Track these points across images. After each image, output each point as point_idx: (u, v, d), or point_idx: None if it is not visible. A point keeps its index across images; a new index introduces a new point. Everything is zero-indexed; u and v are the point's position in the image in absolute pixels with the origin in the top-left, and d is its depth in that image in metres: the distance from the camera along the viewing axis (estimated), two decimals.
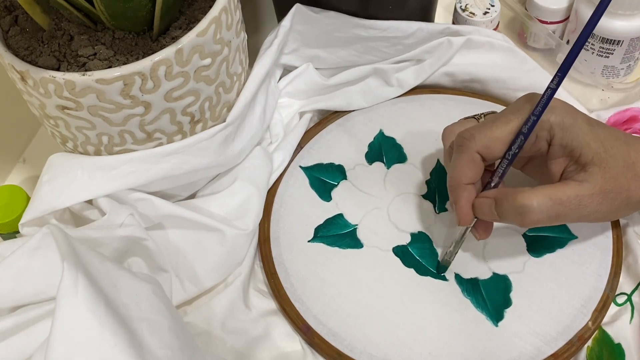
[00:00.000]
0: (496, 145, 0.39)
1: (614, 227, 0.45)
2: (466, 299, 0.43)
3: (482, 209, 0.40)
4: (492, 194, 0.40)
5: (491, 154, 0.40)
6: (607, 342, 0.41)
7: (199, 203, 0.45)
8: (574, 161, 0.39)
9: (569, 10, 0.56)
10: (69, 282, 0.29)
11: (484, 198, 0.40)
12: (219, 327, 0.42)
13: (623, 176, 0.38)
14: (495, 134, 0.39)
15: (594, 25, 0.36)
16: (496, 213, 0.39)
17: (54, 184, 0.41)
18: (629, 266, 0.44)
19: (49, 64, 0.38)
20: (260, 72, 0.47)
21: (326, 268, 0.45)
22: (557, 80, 0.37)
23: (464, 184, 0.40)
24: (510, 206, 0.38)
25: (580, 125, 0.39)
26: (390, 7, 0.51)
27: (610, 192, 0.38)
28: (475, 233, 0.42)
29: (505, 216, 0.39)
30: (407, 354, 0.41)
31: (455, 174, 0.41)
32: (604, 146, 0.38)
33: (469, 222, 0.41)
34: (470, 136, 0.40)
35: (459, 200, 0.41)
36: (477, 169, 0.40)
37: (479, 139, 0.39)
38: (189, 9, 0.42)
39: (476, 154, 0.40)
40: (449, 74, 0.53)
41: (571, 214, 0.38)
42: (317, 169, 0.50)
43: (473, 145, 0.40)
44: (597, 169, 0.38)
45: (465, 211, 0.41)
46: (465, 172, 0.40)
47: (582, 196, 0.38)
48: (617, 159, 0.38)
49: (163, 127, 0.41)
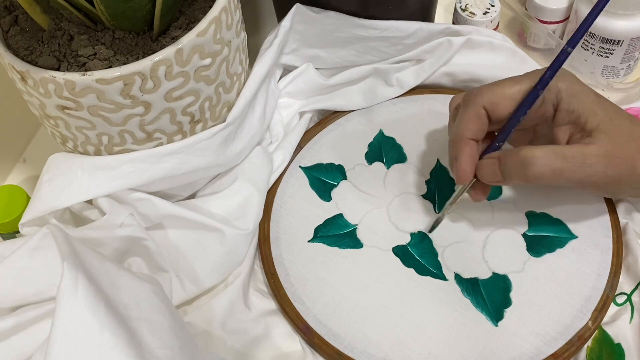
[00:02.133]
0: (504, 101, 0.39)
1: (614, 227, 0.45)
2: (466, 299, 0.43)
3: (486, 169, 0.40)
4: (496, 154, 0.40)
5: (498, 110, 0.39)
6: (607, 342, 0.41)
7: (199, 203, 0.45)
8: (580, 128, 0.39)
9: (569, 10, 0.56)
10: (69, 282, 0.29)
11: (488, 159, 0.40)
12: (219, 327, 0.42)
13: (628, 145, 0.38)
14: (504, 90, 0.39)
15: None
16: (499, 172, 0.39)
17: (54, 184, 0.41)
18: (628, 266, 0.44)
19: (49, 64, 0.38)
20: (260, 72, 0.47)
21: (326, 268, 0.45)
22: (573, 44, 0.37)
23: (467, 137, 0.40)
24: (513, 161, 0.38)
25: (588, 94, 0.39)
26: (390, 7, 0.51)
27: (616, 157, 0.38)
28: (472, 194, 0.42)
29: (508, 173, 0.39)
30: (407, 354, 0.41)
31: (459, 128, 0.40)
32: (609, 115, 0.38)
33: (467, 179, 0.40)
34: (478, 92, 0.40)
35: (460, 155, 0.40)
36: (481, 125, 0.40)
37: (486, 94, 0.39)
38: (189, 8, 0.42)
39: (482, 109, 0.39)
40: (449, 74, 0.53)
41: (576, 170, 0.38)
42: (317, 169, 0.50)
43: (479, 99, 0.39)
44: (602, 134, 0.38)
45: (464, 167, 0.40)
46: (469, 127, 0.40)
47: (587, 154, 0.38)
48: (622, 129, 0.38)
49: (163, 127, 0.41)
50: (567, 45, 0.38)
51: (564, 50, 0.38)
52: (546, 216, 0.45)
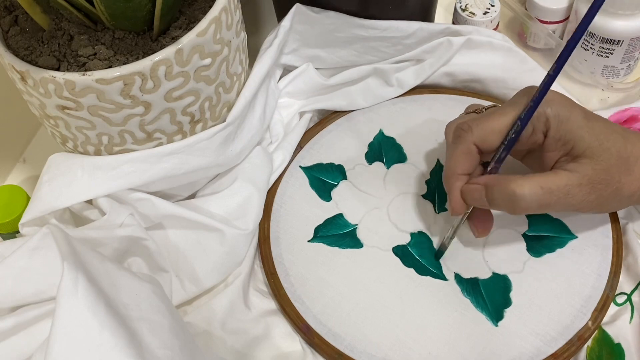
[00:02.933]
0: (492, 136, 0.40)
1: (614, 227, 0.45)
2: (466, 299, 0.43)
3: (472, 195, 0.41)
4: (482, 180, 0.40)
5: (487, 145, 0.40)
6: (607, 342, 0.41)
7: (199, 203, 0.45)
8: (567, 153, 0.39)
9: (569, 10, 0.56)
10: (69, 282, 0.29)
11: (474, 184, 0.41)
12: (219, 327, 0.42)
13: (615, 169, 0.39)
14: (492, 125, 0.40)
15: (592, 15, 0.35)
16: (486, 200, 0.40)
17: (54, 184, 0.41)
18: (628, 266, 0.44)
19: (49, 64, 0.38)
20: (260, 72, 0.47)
21: (326, 268, 0.45)
22: (556, 68, 0.37)
23: (458, 174, 0.41)
24: (501, 193, 0.39)
25: (576, 119, 0.39)
26: (390, 7, 0.51)
27: (599, 183, 0.38)
28: (473, 229, 0.43)
29: (495, 203, 0.39)
30: (407, 353, 0.41)
31: (451, 164, 0.41)
32: (598, 139, 0.39)
33: (460, 211, 0.41)
34: (468, 128, 0.41)
35: (452, 190, 0.41)
36: (472, 160, 0.41)
37: (476, 130, 0.40)
38: (189, 8, 0.42)
39: (472, 145, 0.40)
40: (449, 74, 0.53)
41: (560, 202, 0.38)
42: (317, 169, 0.50)
43: (469, 136, 0.40)
44: (587, 160, 0.38)
45: (456, 200, 0.41)
46: (461, 163, 0.41)
47: (570, 185, 0.38)
48: (611, 152, 0.39)
49: (163, 127, 0.41)
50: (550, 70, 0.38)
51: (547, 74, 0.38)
52: (546, 216, 0.46)
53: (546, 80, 0.38)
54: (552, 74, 0.37)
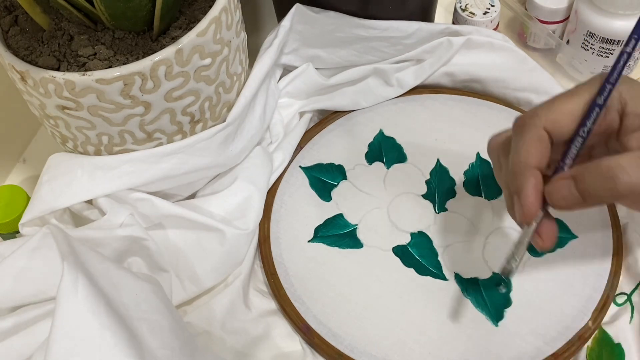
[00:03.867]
0: (566, 118, 0.34)
1: (614, 227, 0.45)
2: (466, 299, 0.43)
3: (560, 193, 0.33)
4: (567, 174, 0.34)
5: (560, 129, 0.34)
6: (607, 342, 0.41)
7: (199, 203, 0.45)
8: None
9: (569, 10, 0.56)
10: (69, 282, 0.29)
11: (559, 180, 0.34)
12: (219, 327, 0.42)
13: None
14: (563, 107, 0.34)
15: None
16: (578, 193, 0.33)
17: (54, 184, 0.41)
18: (629, 266, 0.44)
19: (49, 64, 0.38)
20: (260, 72, 0.47)
21: (326, 268, 0.45)
22: (634, 43, 0.33)
23: (531, 166, 0.34)
24: (594, 176, 0.32)
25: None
26: (390, 7, 0.51)
27: None
28: (537, 240, 0.35)
29: (590, 192, 0.32)
30: (407, 353, 0.41)
31: (520, 156, 0.34)
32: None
33: (534, 215, 0.34)
34: (534, 114, 0.35)
35: (525, 187, 0.34)
36: (545, 149, 0.34)
37: (545, 114, 0.34)
38: (189, 8, 0.42)
39: (543, 130, 0.34)
40: (449, 74, 0.53)
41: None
42: (317, 169, 0.50)
43: (538, 121, 0.34)
44: None
45: (530, 200, 0.34)
46: (533, 153, 0.34)
47: None
48: None
49: (163, 127, 0.41)
50: (625, 46, 0.34)
51: (622, 52, 0.34)
52: None
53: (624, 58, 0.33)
54: (629, 51, 0.33)
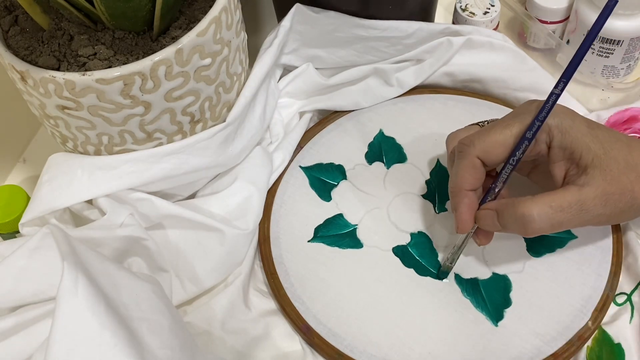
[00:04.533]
0: (496, 149, 0.39)
1: (614, 228, 0.45)
2: (466, 299, 0.43)
3: (485, 220, 0.40)
4: (493, 205, 0.40)
5: (491, 158, 0.40)
6: (607, 342, 0.41)
7: (199, 203, 0.45)
8: (575, 164, 0.39)
9: (569, 10, 0.56)
10: (69, 282, 0.29)
11: (486, 210, 0.40)
12: (219, 327, 0.42)
13: (625, 177, 0.38)
14: (495, 137, 0.39)
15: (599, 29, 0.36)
16: (499, 224, 0.39)
17: (54, 184, 0.41)
18: (628, 266, 0.44)
19: (49, 63, 0.38)
20: (260, 72, 0.47)
21: (326, 268, 0.45)
22: (562, 86, 0.37)
23: (465, 189, 0.40)
24: (511, 217, 0.38)
25: (579, 127, 0.39)
26: (390, 7, 0.51)
27: (613, 193, 0.38)
28: (475, 239, 0.42)
29: (507, 227, 0.39)
30: (407, 354, 0.41)
31: (457, 180, 0.41)
32: (603, 147, 0.38)
33: (467, 229, 0.41)
34: (470, 142, 0.40)
35: (459, 207, 0.41)
36: (477, 175, 0.40)
37: (478, 143, 0.40)
38: (189, 8, 0.42)
39: (476, 159, 0.40)
40: (449, 74, 0.53)
41: (574, 219, 0.38)
42: (317, 169, 0.50)
43: (472, 150, 0.40)
44: (597, 171, 0.38)
45: (464, 218, 0.41)
46: (466, 178, 0.40)
47: (583, 200, 0.38)
48: (618, 160, 0.38)
49: (163, 127, 0.41)
50: (554, 88, 0.38)
51: (551, 93, 0.38)
52: None
53: (552, 98, 0.37)
54: (557, 93, 0.37)
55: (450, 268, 0.44)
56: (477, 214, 0.41)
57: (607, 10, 0.35)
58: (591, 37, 0.36)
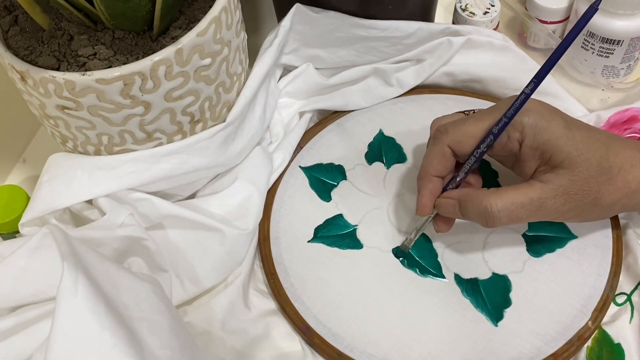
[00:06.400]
0: (467, 140, 0.40)
1: (614, 227, 0.45)
2: (466, 299, 0.43)
3: (445, 208, 0.41)
4: (455, 194, 0.41)
5: (462, 148, 0.40)
6: (607, 342, 0.41)
7: (199, 203, 0.45)
8: (545, 163, 0.39)
9: (569, 10, 0.56)
10: (69, 282, 0.29)
11: (447, 198, 0.41)
12: (219, 327, 0.42)
13: (594, 180, 0.38)
14: (467, 129, 0.40)
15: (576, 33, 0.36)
16: (460, 213, 0.40)
17: (54, 184, 0.41)
18: (628, 266, 0.44)
19: (49, 63, 0.38)
20: (260, 72, 0.47)
21: (326, 268, 0.45)
22: (532, 86, 0.38)
23: (431, 175, 0.41)
24: (474, 209, 0.39)
25: (555, 129, 0.39)
26: (390, 7, 0.51)
27: (575, 193, 0.38)
28: (435, 225, 0.43)
29: (469, 217, 0.40)
30: (407, 354, 0.41)
31: (425, 165, 0.42)
32: (578, 149, 0.38)
33: (426, 213, 0.42)
34: (445, 130, 0.41)
35: (422, 190, 0.42)
36: (446, 163, 0.41)
37: (452, 133, 0.41)
38: (189, 8, 0.42)
39: (447, 147, 0.41)
40: (449, 74, 0.53)
41: (533, 215, 0.39)
42: (316, 169, 0.50)
43: (445, 138, 0.41)
44: (565, 171, 0.38)
45: (424, 202, 0.42)
46: (434, 164, 0.41)
47: (544, 199, 0.38)
48: (590, 162, 0.38)
49: (163, 127, 0.41)
50: (525, 87, 0.38)
51: (522, 92, 0.38)
52: None
53: (522, 98, 0.38)
54: (527, 92, 0.38)
55: (408, 248, 0.45)
56: (437, 202, 0.42)
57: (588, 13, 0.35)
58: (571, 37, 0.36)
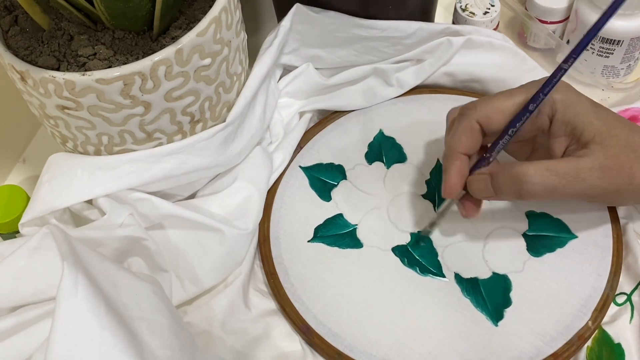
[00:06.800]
0: (497, 115, 0.39)
1: (614, 227, 0.45)
2: (466, 299, 0.43)
3: (477, 185, 0.40)
4: (487, 170, 0.40)
5: (491, 124, 0.39)
6: (607, 341, 0.41)
7: (199, 203, 0.45)
8: (576, 140, 0.39)
9: (569, 10, 0.56)
10: (69, 282, 0.29)
11: (480, 174, 0.40)
12: (219, 327, 0.42)
13: (625, 156, 0.38)
14: (498, 104, 0.39)
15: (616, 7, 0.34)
16: (492, 188, 0.39)
17: (54, 184, 0.41)
18: (628, 266, 0.44)
19: (49, 64, 0.38)
20: (260, 72, 0.47)
21: (326, 268, 0.45)
22: (571, 61, 0.36)
23: (459, 152, 0.40)
24: (506, 178, 0.38)
25: (584, 104, 0.38)
26: (390, 7, 0.51)
27: (612, 169, 0.37)
28: (461, 209, 0.42)
29: (501, 190, 0.38)
30: (407, 353, 0.41)
31: (452, 142, 0.40)
32: (607, 125, 0.38)
33: (454, 194, 0.40)
34: (472, 106, 0.40)
35: (449, 169, 0.40)
36: (474, 138, 0.40)
37: (480, 108, 0.39)
38: (189, 8, 0.42)
39: (475, 122, 0.39)
40: (449, 74, 0.53)
41: (568, 186, 0.37)
42: (316, 169, 0.50)
43: (474, 113, 0.39)
44: (598, 146, 0.37)
45: (452, 181, 0.40)
46: (462, 140, 0.40)
47: (580, 169, 0.37)
48: (619, 138, 0.38)
49: (163, 127, 0.41)
50: (563, 62, 0.37)
51: (560, 68, 0.37)
52: (546, 216, 0.45)
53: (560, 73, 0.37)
54: (565, 68, 0.37)
55: (430, 233, 0.44)
56: (470, 179, 0.40)
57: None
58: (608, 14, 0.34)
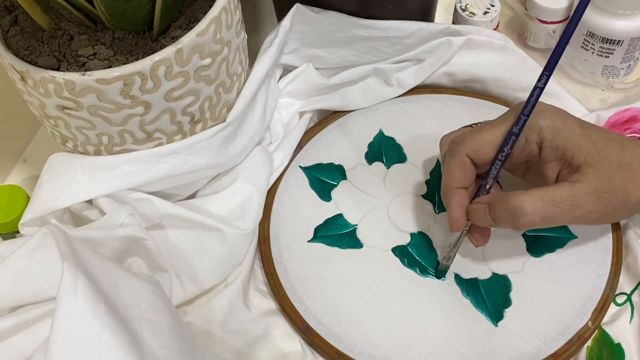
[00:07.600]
0: (485, 147, 0.40)
1: (614, 227, 0.45)
2: (466, 299, 0.43)
3: (477, 214, 0.40)
4: (485, 199, 0.40)
5: (481, 157, 0.40)
6: (607, 342, 0.41)
7: (199, 203, 0.45)
8: (567, 164, 0.39)
9: (569, 10, 0.56)
10: (69, 282, 0.29)
11: (477, 204, 0.40)
12: (219, 327, 0.42)
13: (619, 176, 0.38)
14: (484, 136, 0.40)
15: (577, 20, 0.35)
16: (490, 218, 0.39)
17: (54, 184, 0.41)
18: (628, 266, 0.44)
19: (49, 64, 0.38)
20: (260, 72, 0.47)
21: (326, 268, 0.45)
22: (545, 79, 0.37)
23: (455, 187, 0.41)
24: (503, 209, 0.38)
25: (571, 128, 0.39)
26: (390, 7, 0.51)
27: (606, 191, 0.38)
28: (472, 239, 0.42)
29: (499, 220, 0.39)
30: (407, 354, 0.41)
31: (446, 178, 0.41)
32: (596, 147, 0.38)
33: (460, 227, 0.41)
34: (460, 141, 0.41)
35: (450, 205, 0.41)
36: (467, 173, 0.41)
37: (468, 142, 0.40)
38: (189, 8, 0.42)
39: (465, 157, 0.40)
40: (449, 74, 0.53)
41: (565, 214, 0.38)
42: (317, 169, 0.50)
43: (462, 149, 0.40)
44: (591, 169, 0.38)
45: (456, 215, 0.41)
46: (456, 176, 0.41)
47: (575, 196, 0.38)
48: (611, 159, 0.38)
49: (163, 127, 0.41)
50: (538, 81, 0.38)
51: (535, 87, 0.38)
52: None
53: (537, 92, 0.38)
54: (541, 86, 0.38)
55: (448, 267, 0.44)
56: (469, 208, 0.41)
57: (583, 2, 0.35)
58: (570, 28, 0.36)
